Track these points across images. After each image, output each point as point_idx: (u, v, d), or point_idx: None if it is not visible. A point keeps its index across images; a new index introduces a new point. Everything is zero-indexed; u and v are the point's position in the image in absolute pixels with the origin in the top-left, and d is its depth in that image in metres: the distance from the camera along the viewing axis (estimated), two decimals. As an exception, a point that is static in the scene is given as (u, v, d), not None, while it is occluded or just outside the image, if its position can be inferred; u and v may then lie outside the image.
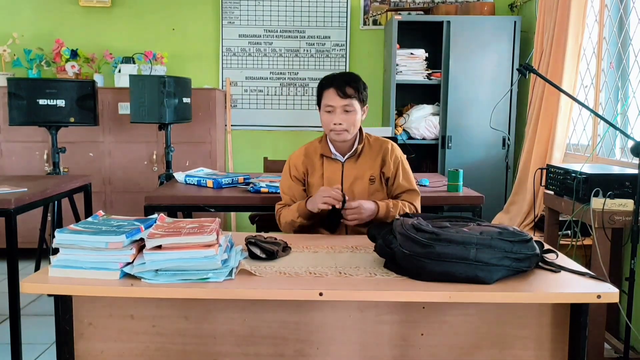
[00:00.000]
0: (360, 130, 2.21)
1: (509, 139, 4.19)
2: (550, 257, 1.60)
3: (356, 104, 2.10)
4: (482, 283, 1.39)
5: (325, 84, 2.12)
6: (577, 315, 1.45)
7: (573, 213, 2.49)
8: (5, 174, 3.88)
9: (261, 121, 4.72)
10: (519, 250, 1.43)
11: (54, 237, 1.43)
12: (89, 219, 1.60)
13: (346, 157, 2.18)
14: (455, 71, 4.17)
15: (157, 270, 1.40)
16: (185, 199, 2.61)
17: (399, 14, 4.32)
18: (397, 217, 1.65)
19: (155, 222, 1.56)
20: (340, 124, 2.08)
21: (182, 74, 4.05)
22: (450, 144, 4.22)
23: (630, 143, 2.16)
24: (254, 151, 4.70)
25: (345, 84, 2.08)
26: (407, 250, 1.44)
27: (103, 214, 1.65)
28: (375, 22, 4.65)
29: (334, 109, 2.09)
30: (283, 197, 2.26)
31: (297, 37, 4.65)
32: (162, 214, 1.62)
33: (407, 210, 2.12)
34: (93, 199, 3.27)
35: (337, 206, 1.99)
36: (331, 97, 2.08)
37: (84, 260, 1.41)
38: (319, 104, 2.17)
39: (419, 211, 2.20)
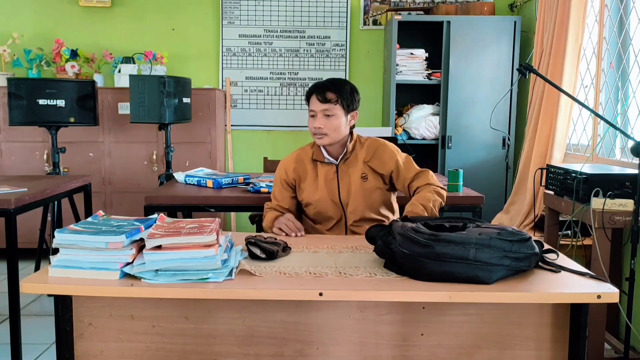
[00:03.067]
0: (352, 133, 2.22)
1: (509, 139, 4.19)
2: (550, 257, 1.59)
3: (337, 109, 2.10)
4: (482, 283, 1.39)
5: (310, 90, 2.16)
6: (577, 315, 1.45)
7: (573, 213, 2.49)
8: (5, 174, 3.88)
9: (261, 121, 4.72)
10: (518, 249, 1.43)
11: (54, 237, 1.43)
12: (89, 219, 1.60)
13: (339, 160, 2.19)
14: (455, 71, 4.16)
15: (157, 270, 1.40)
16: (185, 199, 2.61)
17: (399, 14, 4.31)
18: (397, 219, 1.65)
19: (155, 222, 1.56)
20: (319, 127, 2.10)
21: (182, 74, 4.06)
22: (450, 144, 4.22)
23: (630, 143, 2.17)
24: (254, 151, 4.70)
25: (325, 89, 2.10)
26: (406, 250, 1.44)
27: (103, 214, 1.65)
28: (375, 22, 4.65)
29: (316, 114, 2.12)
30: (272, 200, 2.28)
31: (297, 37, 4.65)
32: (162, 214, 1.62)
33: (430, 194, 2.06)
34: (93, 199, 3.27)
35: (292, 235, 1.95)
36: (313, 102, 2.13)
37: (83, 261, 1.41)
38: None
39: (438, 184, 2.14)
